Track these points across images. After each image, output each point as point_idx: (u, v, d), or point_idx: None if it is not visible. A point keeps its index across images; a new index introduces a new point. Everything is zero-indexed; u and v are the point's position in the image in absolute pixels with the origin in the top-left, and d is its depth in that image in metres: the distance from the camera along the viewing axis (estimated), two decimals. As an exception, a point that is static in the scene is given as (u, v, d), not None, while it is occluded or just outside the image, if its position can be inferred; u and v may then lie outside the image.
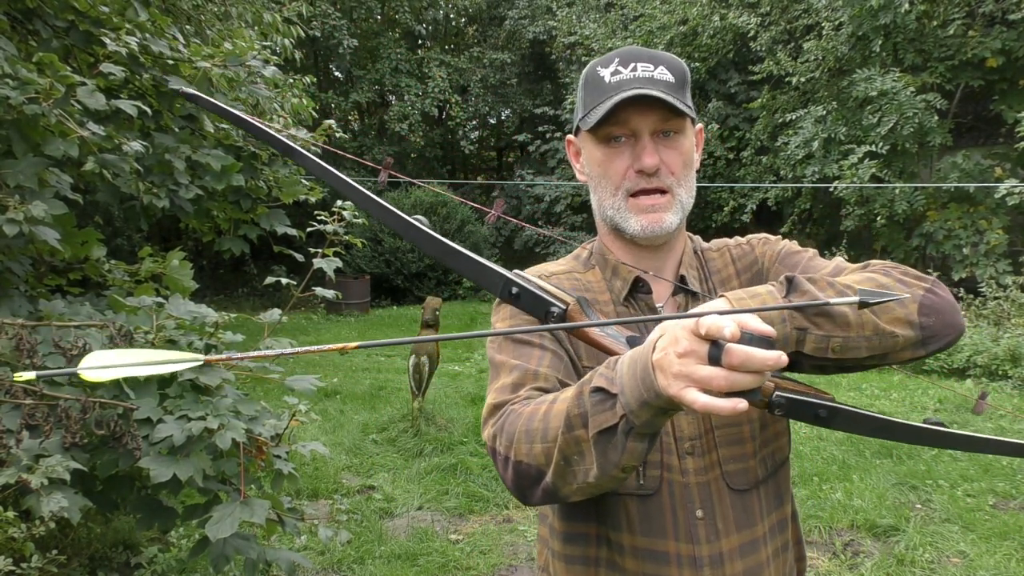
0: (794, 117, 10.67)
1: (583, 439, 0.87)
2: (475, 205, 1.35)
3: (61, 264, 2.91)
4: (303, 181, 3.42)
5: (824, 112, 10.28)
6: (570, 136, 1.23)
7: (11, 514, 2.18)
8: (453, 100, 15.72)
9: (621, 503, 1.07)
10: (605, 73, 1.09)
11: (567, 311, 0.98)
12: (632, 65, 1.08)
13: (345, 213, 2.45)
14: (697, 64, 12.54)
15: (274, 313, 2.43)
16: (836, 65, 10.56)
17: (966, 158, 9.81)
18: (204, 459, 2.05)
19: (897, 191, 9.47)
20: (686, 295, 1.17)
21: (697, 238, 1.28)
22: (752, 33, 11.23)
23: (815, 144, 10.20)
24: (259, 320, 2.43)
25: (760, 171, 11.82)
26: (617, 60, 1.10)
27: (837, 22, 10.18)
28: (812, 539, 3.78)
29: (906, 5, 9.09)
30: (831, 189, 9.88)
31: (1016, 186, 8.43)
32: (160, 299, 2.39)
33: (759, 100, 11.60)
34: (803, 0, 11.01)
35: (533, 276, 1.14)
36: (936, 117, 9.55)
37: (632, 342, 0.97)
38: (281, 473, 2.31)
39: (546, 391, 1.03)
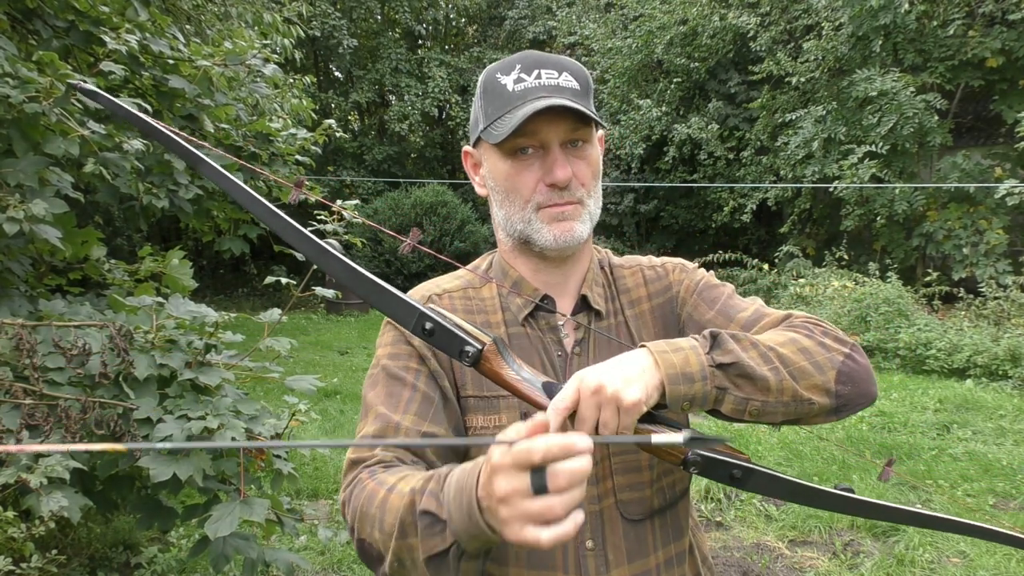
0: (794, 117, 10.67)
1: (415, 547, 0.84)
2: (399, 236, 1.27)
3: (61, 264, 2.91)
4: (304, 180, 3.42)
5: (824, 112, 10.29)
6: (467, 148, 1.14)
7: (11, 514, 2.18)
8: (453, 100, 15.73)
9: None
10: (507, 81, 1.02)
11: (483, 351, 0.92)
12: (536, 72, 1.02)
13: (345, 213, 2.45)
14: (697, 64, 12.56)
15: (274, 313, 2.43)
16: (836, 65, 10.57)
17: (966, 158, 9.81)
18: (204, 459, 2.05)
19: (897, 191, 9.48)
20: (588, 313, 1.12)
21: (606, 252, 1.22)
22: (752, 33, 11.24)
23: (815, 144, 10.20)
24: (259, 320, 2.42)
25: (760, 171, 11.82)
26: (519, 67, 1.03)
27: (837, 22, 10.18)
28: (812, 539, 3.78)
29: (906, 5, 9.09)
30: (831, 189, 9.88)
31: (1016, 186, 8.44)
32: (160, 299, 2.39)
33: (759, 100, 11.60)
34: (803, 0, 11.01)
35: (433, 295, 1.12)
36: (936, 117, 9.56)
37: (548, 389, 0.92)
38: (281, 473, 2.31)
39: (407, 448, 1.00)
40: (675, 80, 12.64)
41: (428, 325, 0.93)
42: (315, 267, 2.34)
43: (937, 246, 9.73)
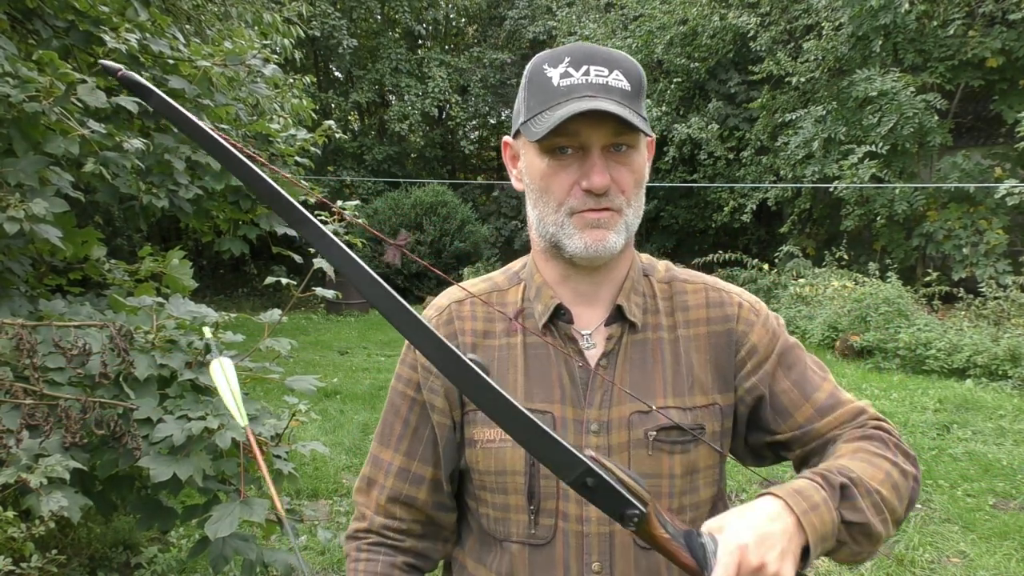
0: (794, 117, 10.67)
1: None
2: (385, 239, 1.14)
3: (61, 264, 2.91)
4: (303, 181, 3.43)
5: (824, 112, 10.29)
6: (507, 139, 1.08)
7: (11, 514, 2.18)
8: (453, 100, 15.72)
9: (516, 551, 1.02)
10: (553, 74, 0.96)
11: (646, 516, 0.83)
12: (584, 68, 0.95)
13: (346, 213, 2.45)
14: (697, 64, 12.55)
15: (274, 313, 2.43)
16: (836, 65, 10.57)
17: (966, 158, 9.82)
18: (204, 459, 2.05)
19: (897, 191, 9.48)
20: (622, 324, 1.05)
21: (665, 263, 1.15)
22: (752, 33, 11.23)
23: (815, 144, 10.20)
24: (259, 320, 2.42)
25: (760, 171, 11.82)
26: (568, 60, 0.96)
27: (837, 22, 10.18)
28: (812, 539, 3.78)
29: (906, 5, 9.09)
30: (831, 189, 9.88)
31: (1016, 186, 8.43)
32: (160, 299, 2.39)
33: (759, 100, 11.60)
34: (803, 0, 11.01)
35: (453, 304, 1.10)
36: (936, 117, 9.56)
37: (689, 542, 0.85)
38: (281, 473, 2.31)
39: (395, 499, 1.07)
40: (675, 80, 12.64)
41: (590, 481, 0.82)
42: (315, 267, 2.35)
43: (937, 246, 9.73)
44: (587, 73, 0.95)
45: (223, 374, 0.83)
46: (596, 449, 0.99)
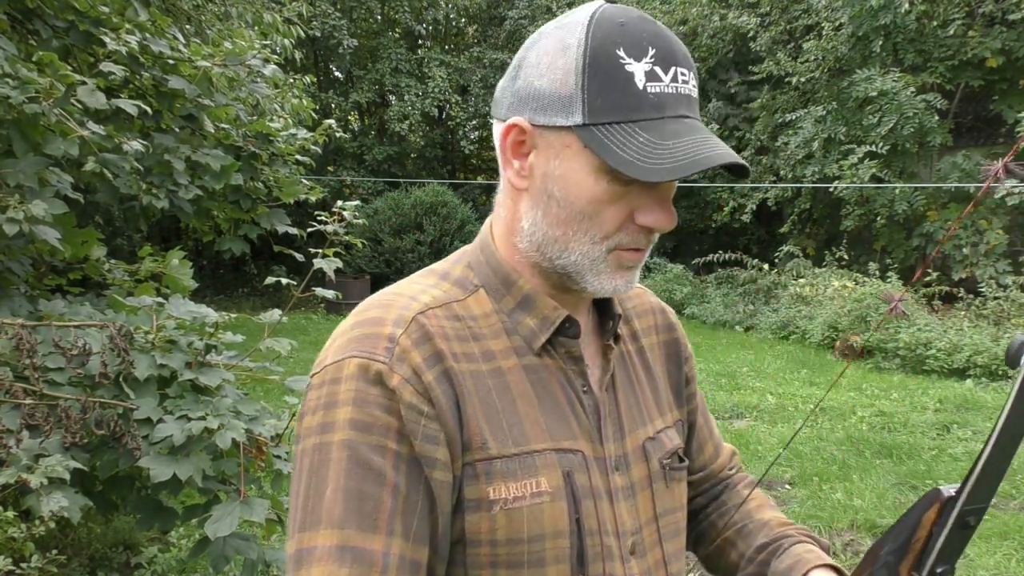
0: (794, 117, 10.68)
1: None
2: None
3: (61, 264, 2.91)
4: (303, 181, 3.43)
5: (824, 112, 10.29)
6: (518, 120, 0.76)
7: (11, 514, 2.19)
8: (453, 100, 15.72)
9: None
10: (636, 69, 0.71)
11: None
12: (672, 71, 0.73)
13: (345, 213, 2.45)
14: (697, 64, 12.54)
15: (274, 313, 2.43)
16: (836, 65, 10.57)
17: (966, 158, 9.82)
18: (204, 459, 2.05)
19: (897, 191, 9.48)
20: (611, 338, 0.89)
21: None
22: (752, 33, 11.24)
23: (815, 144, 10.21)
24: (259, 320, 2.42)
25: (760, 171, 11.83)
26: (653, 53, 0.72)
27: (837, 22, 10.19)
28: (812, 539, 3.78)
29: (906, 5, 9.09)
30: (831, 189, 9.89)
31: (1016, 186, 8.43)
32: (160, 299, 2.39)
33: (759, 100, 11.61)
34: (803, 0, 11.02)
35: (417, 316, 0.77)
36: (936, 117, 9.56)
37: None
38: (281, 473, 2.31)
39: None
40: (675, 80, 12.64)
41: (972, 521, 0.72)
42: (315, 267, 2.35)
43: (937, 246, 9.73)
44: (675, 79, 0.73)
45: None
46: (623, 490, 0.83)
